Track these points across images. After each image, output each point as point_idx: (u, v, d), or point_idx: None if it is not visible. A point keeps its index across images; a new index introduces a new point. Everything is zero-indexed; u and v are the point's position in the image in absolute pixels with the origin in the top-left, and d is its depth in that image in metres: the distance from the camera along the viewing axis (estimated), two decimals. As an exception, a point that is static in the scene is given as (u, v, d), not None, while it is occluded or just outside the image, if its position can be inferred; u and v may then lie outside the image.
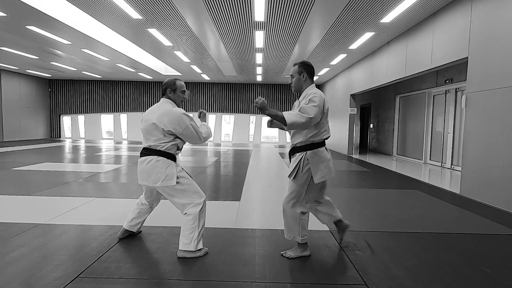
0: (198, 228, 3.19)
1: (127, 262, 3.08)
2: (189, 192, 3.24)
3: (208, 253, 3.32)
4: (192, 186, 3.29)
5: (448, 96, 10.48)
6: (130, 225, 3.66)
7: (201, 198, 3.27)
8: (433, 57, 7.72)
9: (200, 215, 3.21)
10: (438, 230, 4.20)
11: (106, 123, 22.66)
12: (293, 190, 3.19)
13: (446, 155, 10.47)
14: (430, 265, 3.16)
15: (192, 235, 3.18)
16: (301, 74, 3.18)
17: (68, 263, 3.03)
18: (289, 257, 3.25)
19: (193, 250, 3.18)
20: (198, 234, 3.20)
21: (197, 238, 3.19)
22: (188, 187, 3.25)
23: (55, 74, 19.54)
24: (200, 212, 3.21)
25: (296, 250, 3.30)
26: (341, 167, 10.18)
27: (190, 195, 3.24)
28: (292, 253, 3.28)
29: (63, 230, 3.94)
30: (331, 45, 10.87)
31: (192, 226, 3.18)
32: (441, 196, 6.25)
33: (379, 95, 15.59)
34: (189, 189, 3.25)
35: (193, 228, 3.18)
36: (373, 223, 4.49)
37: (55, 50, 12.54)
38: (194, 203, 3.22)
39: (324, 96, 3.12)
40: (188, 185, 3.26)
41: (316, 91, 3.10)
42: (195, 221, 3.18)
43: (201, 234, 3.24)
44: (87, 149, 14.92)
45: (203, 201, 3.25)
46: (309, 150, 3.13)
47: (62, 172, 8.23)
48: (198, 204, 3.22)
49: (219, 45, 11.30)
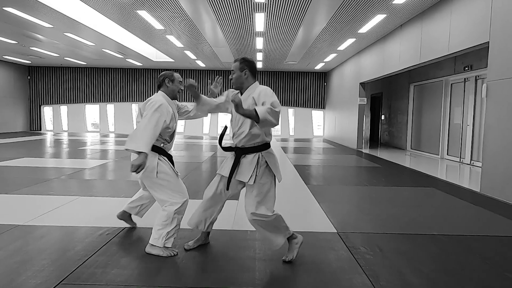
0: (169, 226, 3.33)
1: (114, 267, 3.07)
2: (168, 189, 3.37)
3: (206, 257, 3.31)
4: (173, 183, 3.40)
5: (467, 84, 10.44)
6: (129, 207, 3.92)
7: (182, 198, 3.39)
8: (451, 42, 7.67)
9: (174, 215, 3.33)
10: (457, 232, 4.19)
11: (91, 115, 22.61)
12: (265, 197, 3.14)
13: (465, 149, 10.45)
14: (448, 270, 3.15)
15: (161, 231, 3.32)
16: (243, 70, 3.22)
17: (50, 269, 3.01)
18: (292, 258, 3.24)
19: (159, 247, 3.32)
20: (168, 233, 3.32)
21: (166, 236, 3.32)
22: (168, 184, 3.37)
23: (35, 61, 19.46)
24: (176, 212, 3.33)
25: (293, 247, 3.30)
26: (349, 163, 10.17)
27: (169, 192, 3.37)
28: (292, 252, 3.28)
29: (44, 232, 3.91)
30: (339, 28, 10.81)
31: (164, 222, 3.33)
32: (459, 194, 6.24)
33: (391, 84, 15.54)
34: (168, 186, 3.37)
35: (164, 225, 3.33)
36: (385, 224, 4.47)
37: (35, 34, 12.46)
38: (171, 202, 3.35)
39: None
40: (168, 182, 3.38)
41: (267, 88, 3.16)
42: (167, 218, 3.32)
43: (172, 234, 3.35)
44: (71, 143, 14.89)
45: (182, 202, 3.37)
46: (264, 151, 3.22)
47: (43, 168, 8.21)
48: (175, 203, 3.35)
49: (215, 29, 11.24)
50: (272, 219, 3.13)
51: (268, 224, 3.15)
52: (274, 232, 3.20)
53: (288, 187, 6.64)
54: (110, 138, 18.13)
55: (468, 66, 10.06)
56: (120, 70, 21.58)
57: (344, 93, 16.65)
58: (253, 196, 3.14)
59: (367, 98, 16.86)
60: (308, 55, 15.47)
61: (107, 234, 3.84)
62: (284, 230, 3.24)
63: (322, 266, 3.18)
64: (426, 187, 6.81)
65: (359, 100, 14.37)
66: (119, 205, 5.08)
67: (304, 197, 5.87)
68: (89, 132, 22.08)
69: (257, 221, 3.12)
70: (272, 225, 3.16)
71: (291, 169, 8.67)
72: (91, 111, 22.51)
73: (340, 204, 5.46)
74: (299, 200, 5.72)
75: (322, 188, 6.59)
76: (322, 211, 4.95)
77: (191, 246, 3.49)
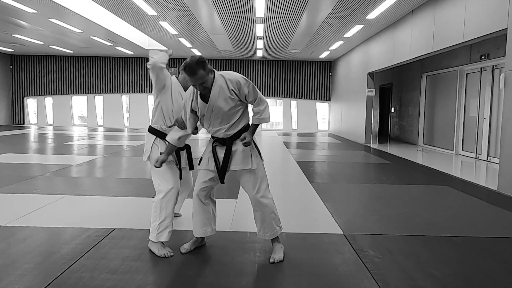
0: (159, 218, 3.41)
1: (103, 271, 3.06)
2: (157, 176, 3.54)
3: (202, 261, 3.30)
4: (163, 171, 3.51)
5: (484, 74, 10.42)
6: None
7: (166, 186, 3.48)
8: (466, 29, 7.63)
9: (162, 204, 3.43)
10: (473, 234, 4.19)
11: (78, 107, 22.60)
12: (263, 178, 3.35)
13: (481, 144, 10.44)
14: (463, 275, 3.14)
15: (154, 224, 3.44)
16: (208, 71, 3.07)
17: (34, 273, 3.00)
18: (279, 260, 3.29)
19: (153, 241, 3.42)
20: (159, 226, 3.40)
21: (157, 229, 3.40)
22: (158, 170, 3.51)
23: (18, 49, 19.40)
24: (162, 200, 3.43)
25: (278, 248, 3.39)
26: (357, 159, 10.17)
27: (157, 180, 3.54)
28: (279, 254, 3.36)
29: (28, 233, 3.91)
30: (346, 14, 10.76)
31: (154, 214, 3.45)
32: (475, 193, 6.24)
33: (401, 74, 15.51)
34: (159, 173, 3.52)
35: (154, 217, 3.44)
36: (395, 225, 4.47)
37: (18, 20, 12.40)
38: (158, 190, 3.50)
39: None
40: (159, 169, 3.50)
41: (233, 74, 3.19)
42: (156, 209, 3.44)
43: (164, 226, 3.42)
44: (56, 137, 14.89)
45: (168, 189, 3.46)
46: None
47: (26, 164, 8.21)
48: (160, 191, 3.47)
49: (212, 14, 11.19)
50: (273, 201, 3.38)
51: (270, 206, 3.34)
52: (273, 219, 3.38)
53: (291, 185, 6.64)
54: (99, 132, 18.13)
55: (485, 55, 10.02)
56: (110, 59, 21.53)
57: (351, 84, 16.61)
58: (254, 179, 3.30)
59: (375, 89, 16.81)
60: (312, 43, 15.42)
61: (96, 236, 3.83)
62: (278, 220, 3.43)
63: (327, 270, 3.17)
64: (440, 185, 6.80)
65: (367, 92, 14.33)
66: (108, 205, 5.11)
67: (308, 196, 5.86)
68: (76, 125, 22.07)
69: (262, 203, 3.30)
70: (272, 209, 3.37)
71: (294, 166, 8.67)
72: (78, 103, 22.50)
73: (346, 203, 5.45)
74: (302, 199, 5.71)
75: (327, 186, 6.58)
76: (327, 211, 4.95)
77: (187, 249, 3.48)
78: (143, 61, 21.29)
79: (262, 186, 3.31)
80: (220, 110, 3.14)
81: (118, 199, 5.42)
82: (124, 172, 7.84)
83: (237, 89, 3.14)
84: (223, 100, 3.13)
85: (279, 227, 3.43)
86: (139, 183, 6.48)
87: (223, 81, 3.14)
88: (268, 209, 3.33)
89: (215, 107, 3.15)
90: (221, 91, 3.13)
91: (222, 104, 3.14)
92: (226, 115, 3.18)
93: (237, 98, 3.16)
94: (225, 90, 3.13)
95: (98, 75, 21.63)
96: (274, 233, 3.39)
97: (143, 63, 21.32)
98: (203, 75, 3.02)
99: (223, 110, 3.15)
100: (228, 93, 3.13)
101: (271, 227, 3.37)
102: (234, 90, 3.13)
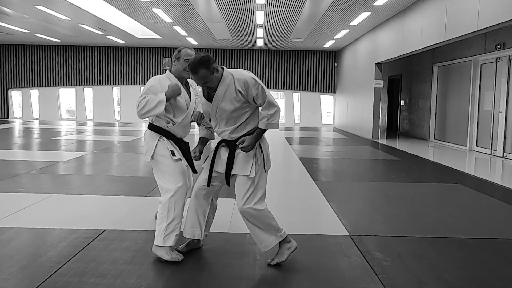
0: (166, 220, 3.33)
1: (92, 275, 3.06)
2: (165, 173, 3.47)
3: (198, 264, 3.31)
4: (172, 168, 3.46)
5: (500, 65, 10.40)
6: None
7: (174, 184, 3.40)
8: (481, 16, 7.60)
9: (170, 204, 3.35)
10: (487, 235, 4.19)
11: (66, 100, 22.58)
12: (258, 189, 3.23)
13: (497, 140, 10.44)
14: (476, 279, 3.14)
15: (160, 226, 3.35)
16: (212, 70, 3.07)
17: (19, 277, 3.00)
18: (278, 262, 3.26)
19: (159, 245, 3.32)
20: (167, 228, 3.32)
21: (164, 231, 3.32)
22: (166, 168, 3.46)
23: (1, 38, 19.37)
24: (170, 200, 3.35)
25: (283, 252, 3.31)
26: (364, 155, 10.16)
27: (166, 177, 3.46)
28: (282, 257, 3.29)
29: (12, 234, 3.90)
30: (352, 0, 10.73)
31: (161, 215, 3.36)
32: (490, 192, 6.23)
33: (411, 65, 15.49)
34: (166, 171, 3.46)
35: (161, 219, 3.36)
36: (404, 226, 4.47)
37: (1, 7, 12.37)
38: (165, 189, 3.42)
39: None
40: (167, 166, 3.45)
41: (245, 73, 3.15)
42: (163, 210, 3.36)
43: (172, 229, 3.34)
44: (42, 132, 14.89)
45: (176, 188, 3.38)
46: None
47: (11, 161, 8.20)
48: (168, 190, 3.39)
49: (209, 1, 11.16)
50: (264, 213, 3.20)
51: (259, 219, 3.20)
52: (265, 230, 3.24)
53: (294, 183, 6.64)
54: (88, 126, 18.12)
55: (501, 44, 10.00)
56: (100, 49, 21.49)
57: (357, 75, 16.58)
58: (247, 187, 3.19)
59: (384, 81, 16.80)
60: (316, 31, 15.39)
61: (85, 238, 3.82)
62: (276, 230, 3.27)
63: (333, 274, 3.17)
64: (452, 183, 6.80)
65: (375, 83, 14.32)
66: (98, 204, 5.11)
67: (312, 194, 5.86)
68: (63, 119, 22.06)
69: (249, 214, 3.17)
70: (263, 221, 3.21)
71: (297, 163, 8.67)
72: (66, 96, 22.47)
73: (352, 203, 5.46)
74: (305, 198, 5.72)
75: (332, 184, 6.58)
76: (332, 211, 4.94)
77: (183, 252, 3.48)
78: (135, 51, 21.26)
79: (252, 197, 3.18)
80: (225, 111, 3.13)
81: (109, 198, 5.42)
82: (115, 169, 7.83)
83: (244, 90, 3.08)
84: (228, 101, 3.10)
85: (276, 236, 3.26)
86: (131, 181, 6.48)
87: (231, 80, 3.11)
88: (257, 220, 3.21)
89: (219, 107, 3.14)
90: (227, 91, 3.10)
91: (226, 105, 3.12)
92: (231, 116, 3.16)
93: (243, 100, 3.10)
94: (231, 90, 3.10)
95: (87, 65, 21.57)
96: (269, 244, 3.24)
97: (135, 52, 21.29)
98: (206, 75, 3.02)
99: (227, 111, 3.13)
100: (234, 93, 3.10)
101: (264, 238, 3.25)
102: (240, 91, 3.09)
